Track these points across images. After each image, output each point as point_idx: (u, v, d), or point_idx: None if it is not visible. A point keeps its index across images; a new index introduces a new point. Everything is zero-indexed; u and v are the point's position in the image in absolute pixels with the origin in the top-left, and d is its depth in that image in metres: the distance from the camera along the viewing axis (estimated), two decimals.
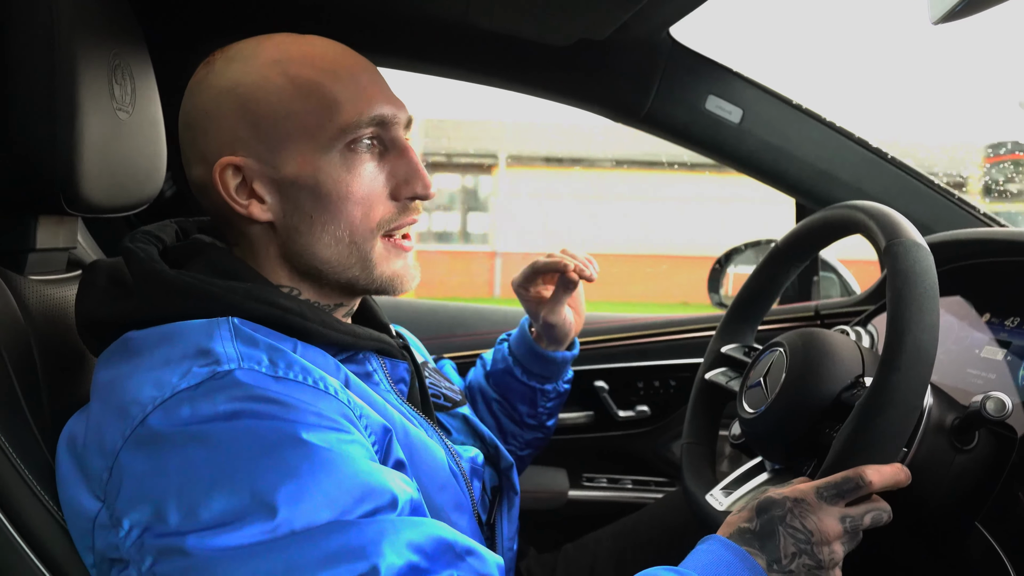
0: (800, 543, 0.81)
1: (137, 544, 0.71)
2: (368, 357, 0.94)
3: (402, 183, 0.91)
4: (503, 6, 1.45)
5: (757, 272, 1.22)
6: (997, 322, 1.14)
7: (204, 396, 0.73)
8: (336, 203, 0.87)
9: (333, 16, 1.56)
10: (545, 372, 1.31)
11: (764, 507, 0.84)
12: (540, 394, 1.32)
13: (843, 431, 0.87)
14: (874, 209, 0.97)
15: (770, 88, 1.64)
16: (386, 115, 0.90)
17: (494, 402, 1.33)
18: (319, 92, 0.87)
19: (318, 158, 0.87)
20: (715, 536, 0.84)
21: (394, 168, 0.91)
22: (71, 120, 0.88)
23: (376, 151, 0.90)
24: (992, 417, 0.89)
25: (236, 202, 0.88)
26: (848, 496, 0.83)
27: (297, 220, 0.88)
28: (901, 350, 0.83)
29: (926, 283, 0.86)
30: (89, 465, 0.76)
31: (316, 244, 0.89)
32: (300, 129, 0.87)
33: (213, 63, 0.90)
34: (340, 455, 0.73)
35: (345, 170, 0.88)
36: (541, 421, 1.34)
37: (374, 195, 0.89)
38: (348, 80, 0.88)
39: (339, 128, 0.87)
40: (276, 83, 0.87)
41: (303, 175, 0.87)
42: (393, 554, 0.70)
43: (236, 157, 0.87)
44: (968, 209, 1.62)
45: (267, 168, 0.87)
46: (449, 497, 0.94)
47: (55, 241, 1.00)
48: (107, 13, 0.97)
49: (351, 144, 0.88)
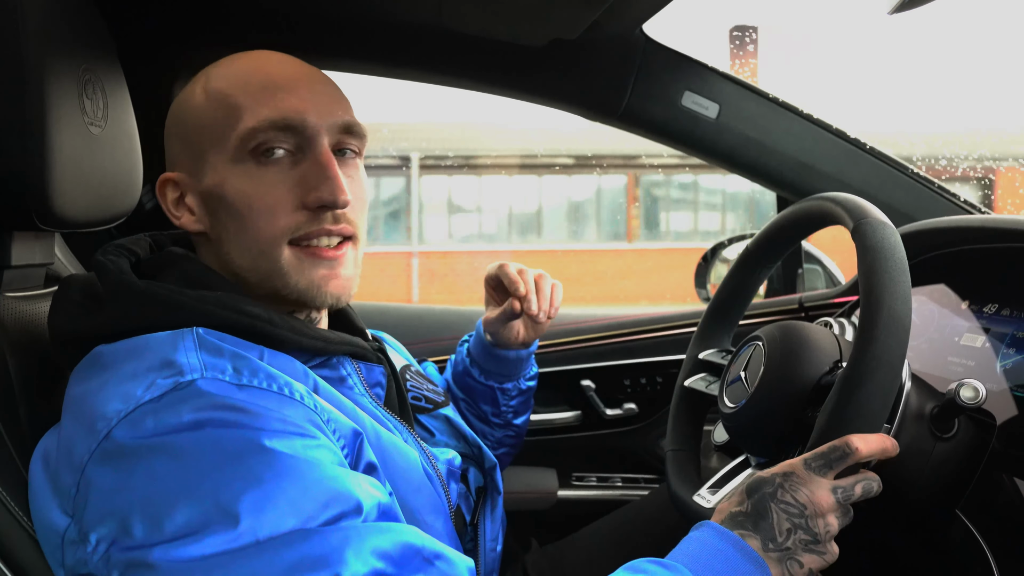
0: (794, 517, 0.80)
1: (104, 559, 0.71)
2: (342, 362, 0.94)
3: (311, 190, 0.88)
4: (475, 8, 1.45)
5: (730, 276, 1.22)
6: (976, 309, 1.15)
7: (168, 407, 0.73)
8: (242, 213, 0.88)
9: (303, 23, 1.56)
10: (502, 371, 1.30)
11: (754, 487, 0.83)
12: (500, 393, 1.31)
13: (826, 405, 0.87)
14: (838, 197, 0.99)
15: (747, 82, 1.65)
16: (291, 119, 0.87)
17: (461, 402, 1.34)
18: (225, 102, 0.88)
19: (228, 168, 0.88)
20: (707, 523, 0.83)
21: (305, 175, 0.88)
22: (41, 136, 0.88)
23: (288, 159, 0.89)
24: (966, 404, 0.90)
25: (172, 215, 0.93)
26: (836, 465, 0.82)
27: (219, 231, 0.90)
28: (877, 320, 0.84)
29: (895, 256, 0.88)
30: (59, 481, 0.76)
31: (233, 253, 0.90)
32: (211, 140, 0.89)
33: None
34: (305, 461, 0.73)
35: (248, 179, 0.88)
36: (507, 420, 1.34)
37: (278, 204, 0.88)
38: (257, 88, 0.88)
39: (240, 136, 0.87)
40: (198, 99, 0.91)
41: (216, 186, 0.89)
42: (357, 562, 0.69)
43: (173, 173, 0.93)
44: (948, 197, 1.63)
45: (193, 181, 0.91)
46: (424, 500, 0.93)
47: (31, 257, 1.00)
48: (77, 26, 0.97)
49: (259, 152, 0.87)
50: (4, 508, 0.82)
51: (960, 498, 0.95)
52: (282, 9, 1.53)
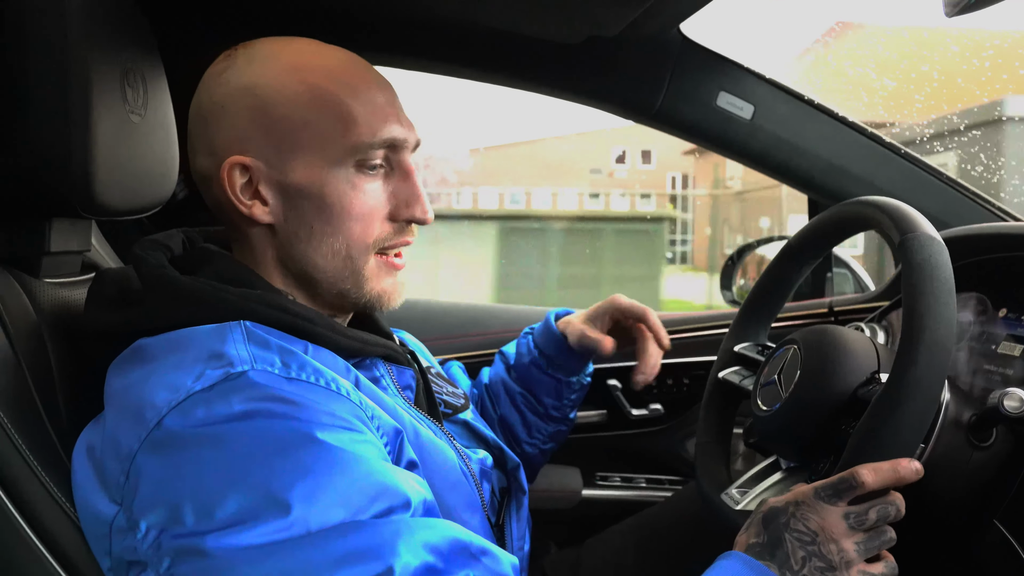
0: (807, 545, 0.81)
1: (154, 546, 0.72)
2: (375, 363, 0.94)
3: (402, 205, 0.92)
4: (512, 4, 1.45)
5: (769, 270, 1.21)
6: (1014, 317, 1.13)
7: (219, 397, 0.74)
8: (338, 217, 0.88)
9: (341, 17, 1.56)
10: (570, 364, 1.31)
11: (769, 517, 0.84)
12: (565, 386, 1.33)
13: (859, 427, 0.86)
14: (887, 204, 0.96)
15: (782, 84, 1.64)
16: (398, 138, 0.91)
17: (518, 395, 1.34)
18: (336, 106, 0.87)
19: (326, 170, 0.87)
20: (735, 553, 0.83)
21: (396, 189, 0.92)
22: (84, 124, 0.88)
23: (382, 171, 0.91)
24: (1010, 414, 0.89)
25: (240, 201, 0.89)
26: (845, 496, 0.82)
27: (297, 227, 0.89)
28: (918, 344, 0.83)
29: (942, 276, 0.86)
30: (106, 470, 0.76)
31: (314, 253, 0.90)
32: (313, 139, 0.87)
33: (235, 58, 0.91)
34: (353, 455, 0.74)
35: (351, 186, 0.88)
36: (565, 413, 1.35)
37: (374, 214, 0.90)
38: (366, 97, 0.89)
39: (352, 145, 0.88)
40: (294, 90, 0.87)
41: (309, 185, 0.87)
42: (408, 554, 0.70)
43: (245, 157, 0.88)
44: (982, 203, 1.61)
45: (274, 172, 0.88)
46: (460, 497, 0.94)
47: (69, 244, 1.01)
48: (119, 18, 0.98)
49: (360, 162, 0.89)
50: (49, 496, 0.82)
51: (998, 508, 0.94)
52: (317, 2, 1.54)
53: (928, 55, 2.34)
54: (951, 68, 2.33)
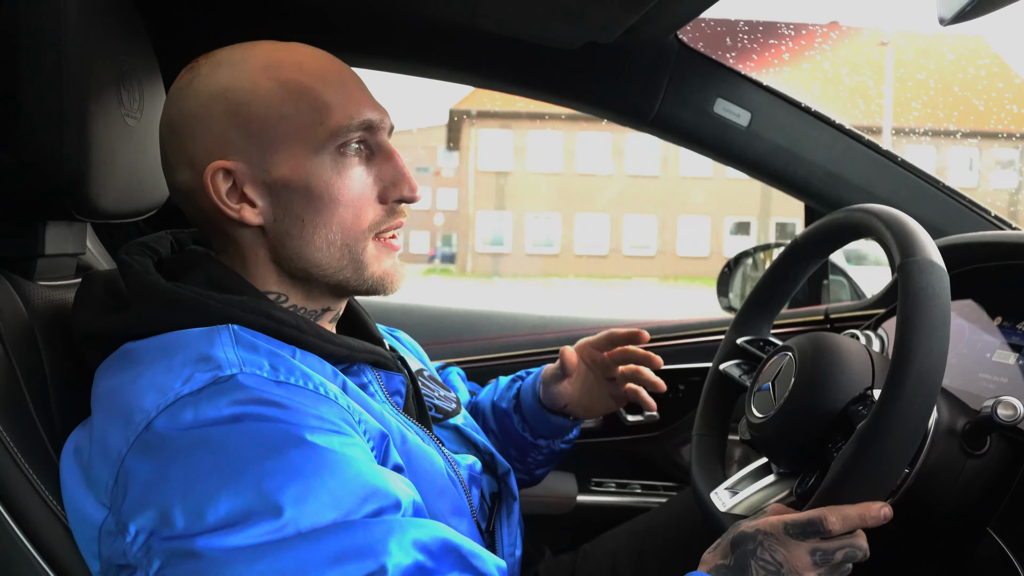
0: (771, 574, 0.81)
1: (144, 549, 0.72)
2: (363, 369, 0.94)
3: (389, 186, 0.92)
4: (509, 9, 1.45)
5: (775, 265, 1.21)
6: (1009, 326, 1.13)
7: (207, 400, 0.74)
8: (328, 206, 0.88)
9: (338, 20, 1.56)
10: (542, 430, 1.29)
11: (737, 542, 0.84)
12: (532, 448, 1.30)
13: (842, 454, 0.86)
14: (893, 221, 0.94)
15: (779, 91, 1.64)
16: (373, 119, 0.91)
17: (491, 433, 1.32)
18: (310, 97, 0.88)
19: (309, 161, 0.87)
20: (700, 574, 0.84)
21: (381, 172, 0.92)
22: (80, 126, 0.88)
23: (363, 155, 0.91)
24: (1004, 422, 0.89)
25: (227, 206, 0.88)
26: (811, 537, 0.83)
27: (288, 223, 0.89)
28: (905, 378, 0.82)
29: (937, 307, 0.84)
30: (94, 474, 0.76)
31: (308, 247, 0.89)
32: (292, 132, 0.87)
33: (198, 68, 0.90)
34: (343, 457, 0.74)
35: (336, 173, 0.88)
36: (529, 470, 1.33)
37: (363, 198, 0.90)
38: (337, 86, 0.90)
39: (330, 131, 0.87)
40: (267, 87, 0.87)
41: (294, 178, 0.87)
42: (400, 553, 0.71)
43: (227, 161, 0.87)
44: (978, 211, 1.61)
45: (258, 171, 0.88)
46: (448, 503, 0.94)
47: (64, 247, 1.01)
48: (115, 20, 0.98)
49: (340, 148, 0.89)
50: (39, 498, 0.82)
51: (991, 516, 0.94)
52: (316, 6, 1.54)
53: (924, 63, 2.36)
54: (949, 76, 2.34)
